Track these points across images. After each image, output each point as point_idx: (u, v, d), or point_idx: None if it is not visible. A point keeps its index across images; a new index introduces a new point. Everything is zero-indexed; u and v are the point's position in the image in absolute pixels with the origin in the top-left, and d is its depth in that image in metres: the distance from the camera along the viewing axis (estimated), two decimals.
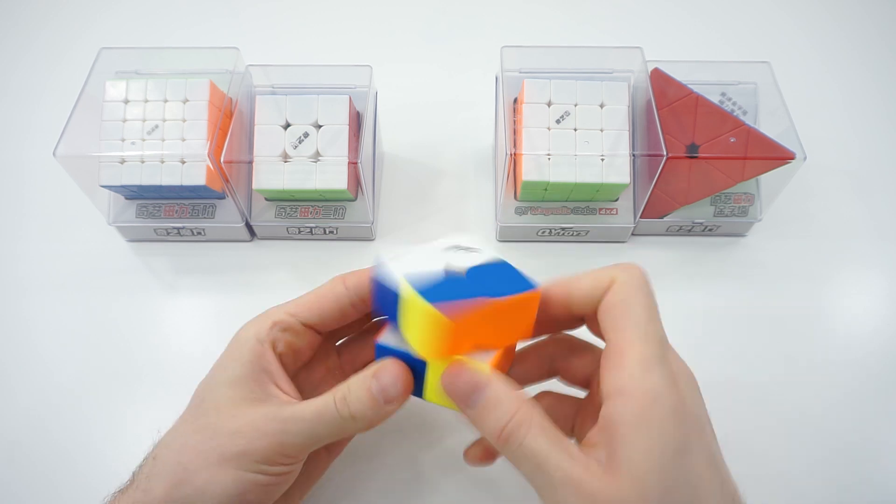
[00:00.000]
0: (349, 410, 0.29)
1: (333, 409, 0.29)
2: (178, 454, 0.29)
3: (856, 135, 0.53)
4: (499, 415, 0.26)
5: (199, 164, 0.43)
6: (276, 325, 0.31)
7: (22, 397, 0.41)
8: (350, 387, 0.29)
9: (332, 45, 0.60)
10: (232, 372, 0.30)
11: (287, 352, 0.32)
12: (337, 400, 0.29)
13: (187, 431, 0.30)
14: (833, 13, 0.62)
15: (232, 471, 0.28)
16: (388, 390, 0.28)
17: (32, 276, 0.47)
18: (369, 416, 0.29)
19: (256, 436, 0.28)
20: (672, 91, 0.44)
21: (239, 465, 0.28)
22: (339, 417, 0.29)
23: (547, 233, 0.47)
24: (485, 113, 0.51)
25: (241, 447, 0.28)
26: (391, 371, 0.28)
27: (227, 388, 0.30)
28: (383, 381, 0.28)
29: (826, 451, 0.39)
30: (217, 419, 0.29)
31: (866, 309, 0.45)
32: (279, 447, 0.28)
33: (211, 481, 0.28)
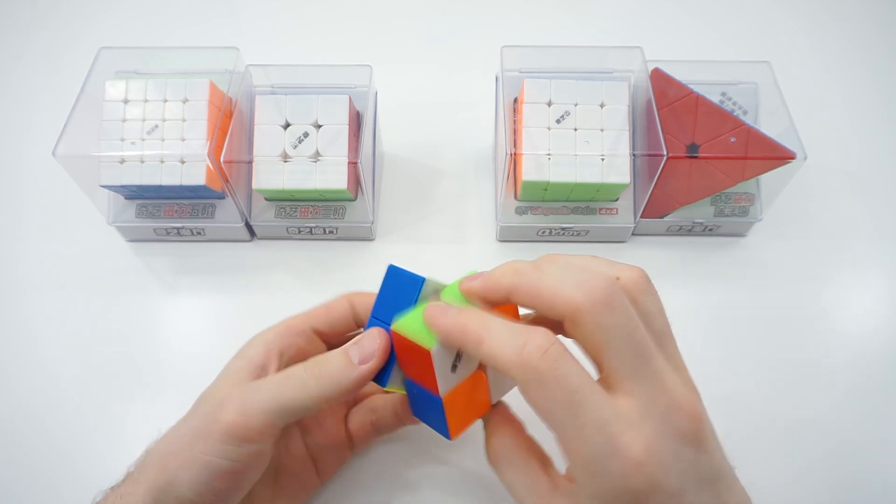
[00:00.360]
0: (318, 370, 0.28)
1: (300, 371, 0.28)
2: (164, 443, 0.29)
3: (856, 135, 0.53)
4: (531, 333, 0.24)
5: (198, 164, 0.43)
6: (289, 329, 0.32)
7: (22, 397, 0.41)
8: (325, 354, 0.29)
9: (332, 45, 0.60)
10: (231, 371, 0.31)
11: (297, 357, 0.32)
12: (307, 363, 0.29)
13: (178, 424, 0.30)
14: (833, 13, 0.62)
15: (200, 453, 0.27)
16: (365, 347, 0.28)
17: (32, 276, 0.47)
18: (338, 377, 0.28)
19: (221, 407, 0.28)
20: (672, 91, 0.44)
21: (206, 443, 0.27)
22: (304, 378, 0.28)
23: (547, 233, 0.47)
24: (485, 113, 0.51)
25: (208, 421, 0.28)
26: (371, 333, 0.29)
27: (223, 384, 0.31)
28: (363, 343, 0.29)
29: (826, 451, 0.39)
30: (199, 406, 0.30)
31: (866, 309, 0.45)
32: (242, 417, 0.27)
33: (182, 464, 0.28)
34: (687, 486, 0.24)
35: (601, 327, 0.24)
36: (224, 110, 0.44)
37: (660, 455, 0.23)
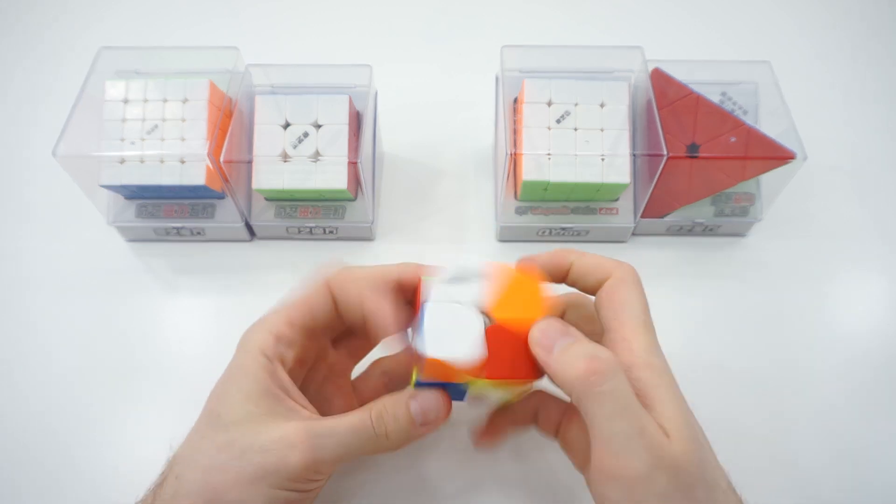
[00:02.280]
0: (385, 429, 0.29)
1: (369, 426, 0.29)
2: (205, 473, 0.28)
3: (856, 135, 0.53)
4: (589, 351, 0.27)
5: (198, 164, 0.43)
6: (280, 341, 0.31)
7: (22, 397, 0.41)
8: (386, 406, 0.29)
9: (332, 45, 0.60)
10: (247, 387, 0.29)
11: (294, 366, 0.32)
12: (373, 417, 0.29)
13: (210, 449, 0.28)
14: (833, 13, 0.62)
15: (263, 488, 0.27)
16: (429, 414, 0.30)
17: (32, 276, 0.47)
18: (403, 436, 0.29)
19: (288, 452, 0.27)
20: (672, 91, 0.44)
21: (270, 483, 0.27)
22: (373, 435, 0.29)
23: (547, 233, 0.47)
24: (485, 113, 0.51)
25: (273, 464, 0.27)
26: (435, 397, 0.30)
27: (245, 403, 0.29)
28: (425, 404, 0.29)
29: (827, 451, 0.39)
30: (242, 436, 0.28)
31: (866, 308, 0.45)
32: (312, 463, 0.28)
33: (243, 500, 0.27)
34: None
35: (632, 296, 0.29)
36: (224, 110, 0.44)
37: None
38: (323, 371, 0.35)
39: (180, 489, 0.28)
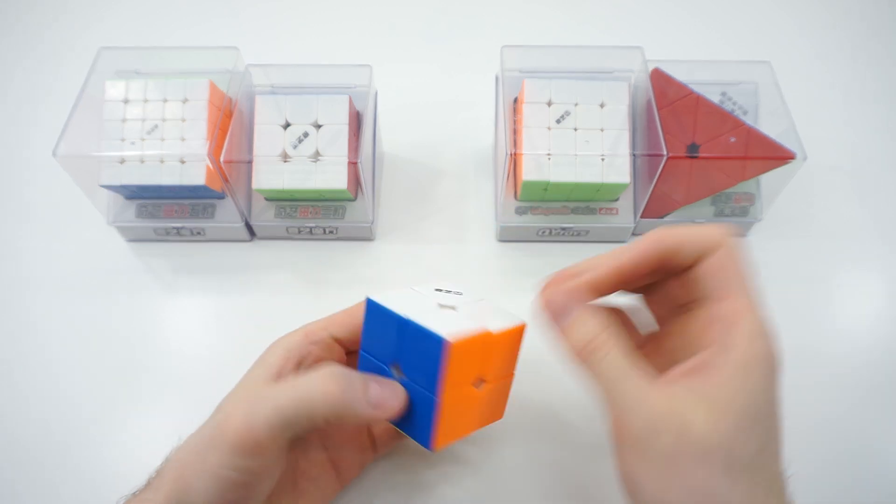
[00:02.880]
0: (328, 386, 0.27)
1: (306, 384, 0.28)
2: (183, 452, 0.29)
3: (856, 135, 0.53)
4: (588, 328, 0.28)
5: (198, 164, 0.43)
6: (308, 336, 0.32)
7: (22, 397, 0.41)
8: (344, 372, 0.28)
9: (332, 45, 0.60)
10: (250, 380, 0.31)
11: (313, 364, 0.32)
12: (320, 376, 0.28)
13: (195, 432, 0.30)
14: (833, 13, 0.62)
15: (211, 464, 0.27)
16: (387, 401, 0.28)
17: (32, 276, 0.47)
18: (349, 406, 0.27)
19: (230, 416, 0.27)
20: (672, 91, 0.44)
21: (217, 453, 0.27)
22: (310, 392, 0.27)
23: (547, 233, 0.47)
24: (485, 113, 0.51)
25: (218, 430, 0.27)
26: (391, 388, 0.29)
27: (240, 392, 0.30)
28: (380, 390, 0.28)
29: (827, 451, 0.39)
30: (214, 414, 0.29)
31: (867, 309, 0.45)
32: (246, 428, 0.27)
33: (196, 474, 0.27)
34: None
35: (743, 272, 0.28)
36: (224, 110, 0.44)
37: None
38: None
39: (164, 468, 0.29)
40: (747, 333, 0.27)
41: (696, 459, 0.25)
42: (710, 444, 0.25)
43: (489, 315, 0.31)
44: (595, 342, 0.28)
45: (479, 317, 0.30)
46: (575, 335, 0.28)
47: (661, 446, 0.25)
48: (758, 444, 0.26)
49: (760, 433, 0.26)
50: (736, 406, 0.25)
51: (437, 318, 0.28)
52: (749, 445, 0.25)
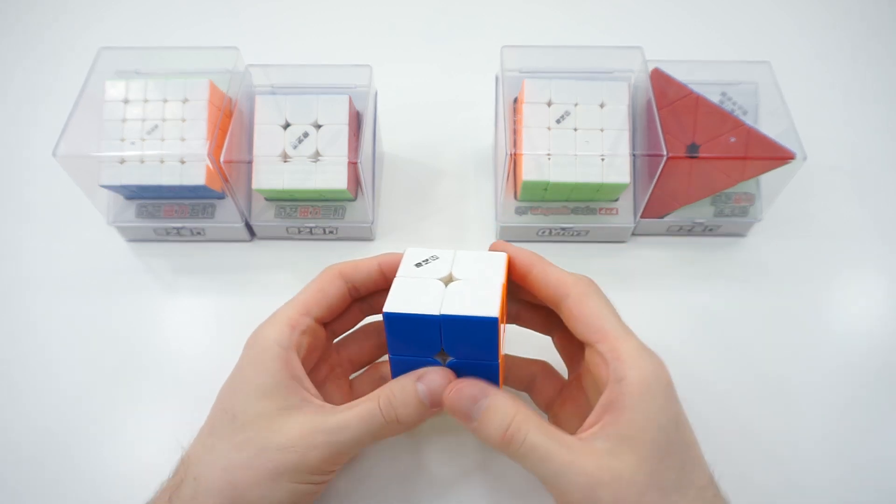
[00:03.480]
0: (395, 415, 0.30)
1: (379, 415, 0.29)
2: (226, 473, 0.28)
3: (856, 135, 0.53)
4: (500, 419, 0.28)
5: (198, 164, 0.43)
6: (295, 329, 0.32)
7: (22, 397, 0.41)
8: (394, 391, 0.30)
9: (332, 45, 0.60)
10: (262, 381, 0.30)
11: (305, 354, 0.32)
12: (382, 406, 0.29)
13: (228, 449, 0.29)
14: (833, 13, 0.62)
15: (286, 484, 0.29)
16: (436, 393, 0.30)
17: (32, 276, 0.47)
18: (414, 419, 0.30)
19: (307, 449, 0.29)
20: (672, 91, 0.44)
21: (292, 478, 0.29)
22: (384, 422, 0.29)
23: (547, 233, 0.47)
24: (485, 113, 0.51)
25: (294, 462, 0.29)
26: (440, 376, 0.30)
27: (260, 400, 0.30)
28: (431, 385, 0.30)
29: (826, 450, 0.39)
30: (258, 434, 0.29)
31: (866, 309, 0.45)
32: (329, 457, 0.29)
33: (265, 496, 0.28)
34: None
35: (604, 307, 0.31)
36: (224, 110, 0.44)
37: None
38: (325, 371, 0.35)
39: (199, 489, 0.28)
40: (630, 361, 0.28)
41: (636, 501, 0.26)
42: (643, 482, 0.26)
43: (479, 265, 0.31)
44: (510, 430, 0.28)
45: (479, 274, 0.31)
46: (490, 427, 0.28)
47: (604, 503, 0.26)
48: (679, 462, 0.27)
49: (678, 452, 0.28)
50: (649, 436, 0.27)
51: (461, 298, 0.29)
52: (673, 468, 0.27)
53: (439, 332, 0.29)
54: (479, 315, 0.28)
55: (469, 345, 0.29)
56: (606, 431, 0.27)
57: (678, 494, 0.27)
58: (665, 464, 0.27)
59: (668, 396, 0.28)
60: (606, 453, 0.27)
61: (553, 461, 0.27)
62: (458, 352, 0.30)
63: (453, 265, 0.31)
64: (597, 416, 0.29)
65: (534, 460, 0.27)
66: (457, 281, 0.30)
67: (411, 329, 0.29)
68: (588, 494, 0.26)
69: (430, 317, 0.28)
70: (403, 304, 0.29)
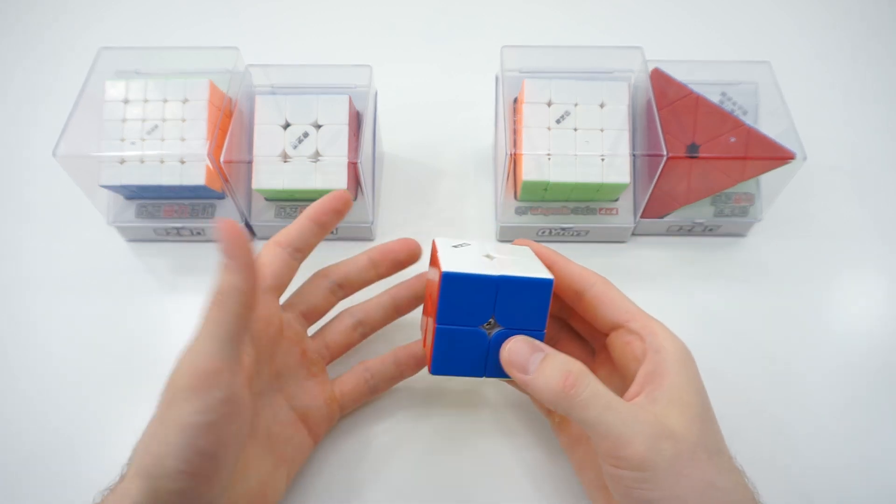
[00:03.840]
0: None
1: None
2: (144, 435, 0.29)
3: (856, 135, 0.53)
4: (560, 367, 0.29)
5: (198, 164, 0.43)
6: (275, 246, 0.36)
7: (22, 397, 0.41)
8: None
9: (332, 45, 0.60)
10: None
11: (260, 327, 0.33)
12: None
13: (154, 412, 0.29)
14: (833, 13, 0.62)
15: (171, 424, 0.27)
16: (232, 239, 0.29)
17: (32, 276, 0.47)
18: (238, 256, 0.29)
19: (174, 375, 0.28)
20: (672, 91, 0.44)
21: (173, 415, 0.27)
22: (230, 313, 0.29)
23: (547, 233, 0.47)
24: (485, 113, 0.51)
25: (168, 396, 0.28)
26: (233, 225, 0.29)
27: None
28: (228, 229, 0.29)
29: (826, 450, 0.39)
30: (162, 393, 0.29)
31: (866, 309, 0.45)
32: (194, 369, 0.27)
33: (161, 443, 0.26)
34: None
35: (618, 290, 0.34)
36: (224, 110, 0.44)
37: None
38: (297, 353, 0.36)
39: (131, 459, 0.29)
40: (664, 335, 0.31)
41: (690, 458, 0.27)
42: (694, 441, 0.28)
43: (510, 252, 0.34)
44: (571, 378, 0.29)
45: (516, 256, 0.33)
46: (549, 375, 0.29)
47: (664, 456, 0.27)
48: (715, 428, 0.30)
49: (713, 419, 0.30)
50: (693, 400, 0.29)
51: (513, 266, 0.31)
52: (712, 433, 0.29)
53: (494, 297, 0.30)
54: (538, 276, 0.30)
55: (522, 310, 0.31)
56: (653, 396, 0.29)
57: (718, 457, 0.28)
58: (707, 427, 0.29)
59: (696, 369, 0.31)
60: (661, 412, 0.28)
61: (619, 410, 0.28)
62: (509, 318, 0.31)
63: (488, 250, 0.33)
64: (640, 385, 0.30)
65: (598, 408, 0.28)
66: (499, 258, 0.32)
67: (467, 292, 0.30)
68: (652, 445, 0.27)
69: (489, 277, 0.30)
70: (461, 265, 0.30)
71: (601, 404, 0.28)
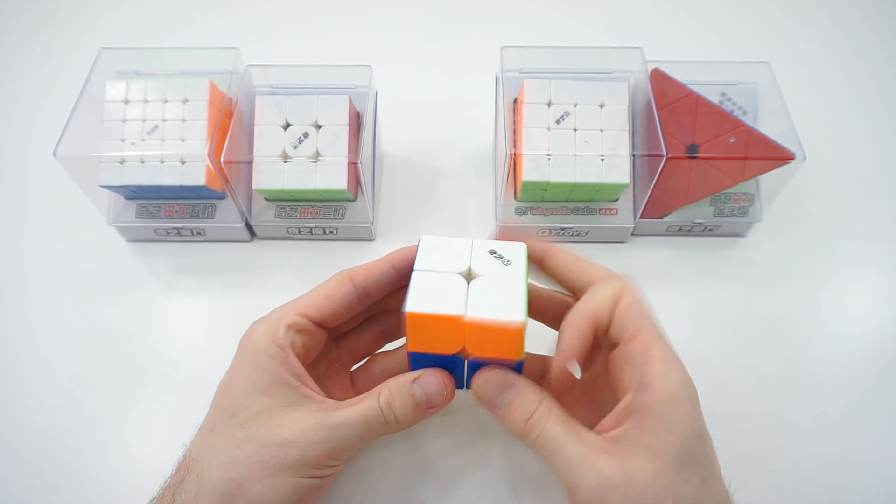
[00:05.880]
0: (394, 415, 0.30)
1: (380, 415, 0.30)
2: (228, 469, 0.29)
3: (855, 135, 0.53)
4: (524, 409, 0.29)
5: (198, 164, 0.43)
6: (290, 328, 0.32)
7: (22, 397, 0.41)
8: (392, 391, 0.30)
9: (332, 46, 0.60)
10: (260, 379, 0.30)
11: (301, 352, 0.32)
12: (382, 406, 0.30)
13: (230, 446, 0.29)
14: (832, 14, 0.62)
15: (289, 478, 0.29)
16: (433, 398, 0.30)
17: (32, 276, 0.47)
18: (412, 420, 0.31)
19: (308, 445, 0.29)
20: (672, 91, 0.44)
21: (294, 473, 0.29)
22: (384, 422, 0.30)
23: (547, 233, 0.47)
24: (485, 113, 0.51)
25: (296, 457, 0.29)
26: (437, 380, 0.30)
27: (259, 397, 0.30)
28: (428, 388, 0.30)
29: (826, 450, 0.39)
30: (260, 430, 0.29)
31: (866, 309, 0.45)
32: (330, 452, 0.30)
33: (266, 492, 0.28)
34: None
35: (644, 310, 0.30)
36: (224, 110, 0.44)
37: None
38: (324, 366, 0.36)
39: (203, 486, 0.29)
40: (660, 368, 0.28)
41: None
42: (660, 491, 0.26)
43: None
44: (531, 420, 0.29)
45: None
46: (514, 416, 0.29)
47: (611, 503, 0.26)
48: (700, 476, 0.27)
49: (701, 466, 0.27)
50: (671, 447, 0.27)
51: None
52: (693, 481, 0.27)
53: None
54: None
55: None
56: (623, 436, 0.28)
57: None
58: (685, 476, 0.26)
59: (693, 408, 0.28)
60: (624, 456, 0.27)
61: (566, 454, 0.27)
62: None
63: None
64: (615, 419, 0.29)
65: (549, 451, 0.28)
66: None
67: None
68: (597, 492, 0.26)
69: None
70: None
71: (552, 447, 0.28)
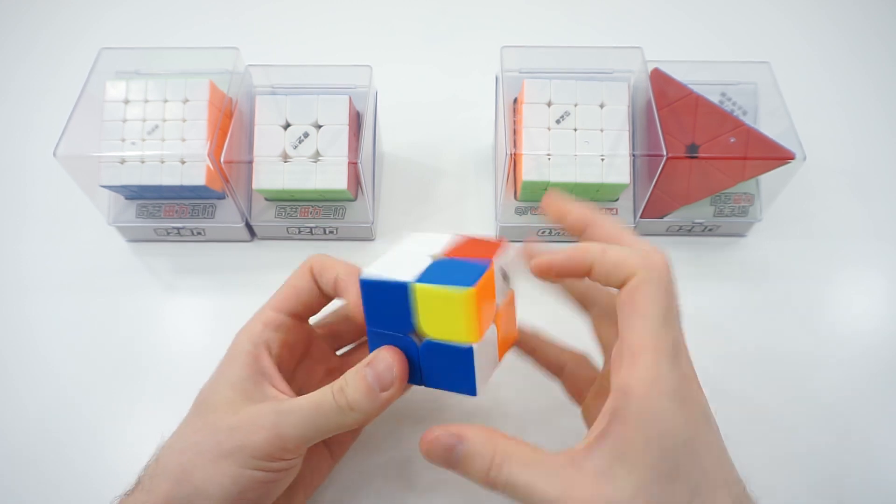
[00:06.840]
0: (346, 400, 0.28)
1: (331, 400, 0.29)
2: (179, 455, 0.29)
3: (855, 135, 0.53)
4: (480, 464, 0.26)
5: (198, 164, 0.43)
6: (266, 326, 0.32)
7: (22, 397, 0.41)
8: (346, 377, 0.29)
9: (332, 46, 0.60)
10: (230, 375, 0.31)
11: (282, 350, 0.32)
12: (335, 391, 0.29)
13: (188, 433, 0.30)
14: (832, 14, 0.62)
15: (230, 467, 0.28)
16: (383, 377, 0.28)
17: (32, 276, 0.47)
18: (366, 406, 0.28)
19: (253, 430, 0.28)
20: (672, 91, 0.44)
21: (236, 460, 0.28)
22: (336, 407, 0.28)
23: (547, 233, 0.47)
24: (485, 113, 0.51)
25: (238, 441, 0.28)
26: (386, 359, 0.29)
27: (225, 390, 0.31)
28: (378, 368, 0.28)
29: (827, 450, 0.39)
30: (215, 418, 0.30)
31: (866, 309, 0.45)
32: (277, 440, 0.28)
33: (209, 479, 0.28)
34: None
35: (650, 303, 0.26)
36: (224, 110, 0.44)
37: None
38: (320, 373, 0.36)
39: (157, 470, 0.29)
40: (644, 370, 0.25)
41: None
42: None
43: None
44: (492, 469, 0.26)
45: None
46: (472, 473, 0.27)
47: None
48: (689, 490, 0.24)
49: (690, 478, 0.24)
50: (650, 459, 0.24)
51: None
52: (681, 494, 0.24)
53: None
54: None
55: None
56: (603, 446, 0.25)
57: None
58: (669, 490, 0.24)
59: (686, 417, 0.25)
60: (600, 476, 0.24)
61: (540, 495, 0.25)
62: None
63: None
64: (599, 424, 0.26)
65: (522, 496, 0.26)
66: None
67: (384, 298, 0.28)
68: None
69: (401, 284, 0.27)
70: (380, 270, 0.28)
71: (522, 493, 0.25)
